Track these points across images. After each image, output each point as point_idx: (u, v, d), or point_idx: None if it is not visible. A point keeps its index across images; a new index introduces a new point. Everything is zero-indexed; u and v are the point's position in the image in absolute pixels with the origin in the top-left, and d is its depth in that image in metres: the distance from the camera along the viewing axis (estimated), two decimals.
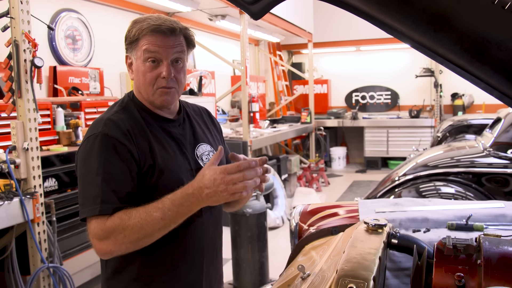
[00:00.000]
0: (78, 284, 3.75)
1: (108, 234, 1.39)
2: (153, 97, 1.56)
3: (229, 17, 6.88)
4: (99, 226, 1.41)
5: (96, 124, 1.54)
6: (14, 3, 2.95)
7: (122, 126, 1.51)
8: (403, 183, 4.21)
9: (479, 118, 7.50)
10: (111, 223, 1.39)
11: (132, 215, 1.39)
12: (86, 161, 1.49)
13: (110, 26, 5.64)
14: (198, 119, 1.78)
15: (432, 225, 1.98)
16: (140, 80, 1.55)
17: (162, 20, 1.53)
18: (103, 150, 1.46)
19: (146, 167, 1.51)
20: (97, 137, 1.48)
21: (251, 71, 9.55)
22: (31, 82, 3.05)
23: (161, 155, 1.54)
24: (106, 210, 1.41)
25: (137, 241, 1.40)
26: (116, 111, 1.58)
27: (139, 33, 1.52)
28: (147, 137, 1.54)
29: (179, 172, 1.57)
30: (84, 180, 1.47)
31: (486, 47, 1.10)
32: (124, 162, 1.47)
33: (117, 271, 1.57)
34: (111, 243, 1.40)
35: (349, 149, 11.15)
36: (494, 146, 4.22)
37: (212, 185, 1.32)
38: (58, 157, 3.55)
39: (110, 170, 1.45)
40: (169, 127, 1.63)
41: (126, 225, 1.38)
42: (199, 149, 1.68)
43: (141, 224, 1.37)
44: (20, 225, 3.07)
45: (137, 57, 1.54)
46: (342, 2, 1.21)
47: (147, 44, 1.51)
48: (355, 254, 1.33)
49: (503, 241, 1.38)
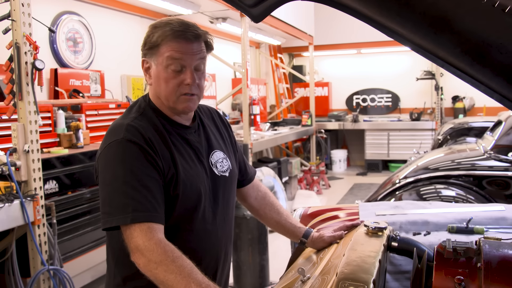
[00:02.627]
0: (78, 287, 3.75)
1: (146, 253, 1.34)
2: (175, 104, 1.53)
3: (230, 20, 6.88)
4: (142, 236, 1.35)
5: (116, 130, 1.49)
6: (15, 6, 2.95)
7: (143, 133, 1.47)
8: (403, 186, 4.20)
9: (480, 121, 7.50)
10: (155, 246, 1.34)
11: (176, 262, 1.32)
12: (109, 169, 1.44)
13: (111, 28, 5.64)
14: (210, 124, 1.75)
15: (432, 228, 1.98)
16: (162, 86, 1.52)
17: (185, 25, 1.50)
18: (127, 156, 1.42)
19: (169, 176, 1.47)
20: (120, 143, 1.44)
21: (252, 74, 9.55)
22: (32, 84, 3.05)
23: (181, 164, 1.51)
24: (138, 218, 1.37)
25: (158, 282, 1.34)
26: (135, 117, 1.53)
27: (162, 38, 1.48)
28: (168, 145, 1.51)
29: (198, 182, 1.54)
30: (110, 188, 1.43)
31: (486, 50, 1.10)
32: (150, 168, 1.43)
33: (129, 279, 1.54)
34: (143, 261, 1.35)
35: (349, 151, 11.15)
36: (495, 149, 4.22)
37: None
38: (58, 159, 3.55)
39: (138, 177, 1.40)
40: (186, 134, 1.60)
41: (163, 264, 1.32)
42: (213, 156, 1.65)
43: (173, 277, 1.31)
44: (21, 227, 3.07)
45: (158, 63, 1.51)
46: (342, 5, 1.21)
47: (170, 51, 1.48)
48: (355, 257, 1.33)
49: (503, 244, 1.38)
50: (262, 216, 1.92)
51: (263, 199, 1.92)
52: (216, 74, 7.55)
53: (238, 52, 7.23)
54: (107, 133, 1.52)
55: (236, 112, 8.46)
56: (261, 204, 1.91)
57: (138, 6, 5.96)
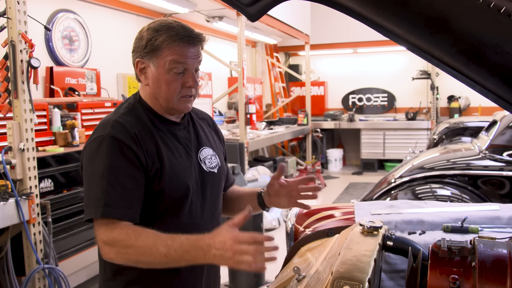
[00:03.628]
0: (73, 285, 3.74)
1: (113, 243, 1.39)
2: (175, 105, 1.56)
3: (226, 19, 6.88)
4: (106, 231, 1.40)
5: (103, 125, 1.53)
6: (10, 4, 2.94)
7: (129, 129, 1.50)
8: (399, 185, 4.21)
9: (475, 120, 7.53)
10: (118, 235, 1.39)
11: (140, 238, 1.38)
12: (92, 163, 1.48)
13: (107, 27, 5.63)
14: (201, 123, 1.78)
15: (427, 227, 1.99)
16: (162, 88, 1.54)
17: (188, 30, 1.53)
18: (109, 152, 1.46)
19: (153, 170, 1.50)
20: (104, 139, 1.47)
21: (248, 73, 9.55)
22: (28, 82, 3.04)
23: (168, 159, 1.54)
24: (108, 213, 1.40)
25: (136, 263, 1.40)
26: (123, 113, 1.57)
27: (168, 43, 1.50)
28: (154, 140, 1.53)
29: (185, 177, 1.56)
30: (89, 182, 1.47)
31: (482, 50, 1.11)
32: (130, 166, 1.46)
33: (118, 273, 1.56)
34: (113, 253, 1.40)
35: (345, 151, 11.16)
36: (490, 148, 4.24)
37: (221, 248, 1.30)
38: (54, 158, 3.54)
39: (116, 173, 1.44)
40: (176, 130, 1.63)
41: (130, 245, 1.37)
42: (202, 152, 1.68)
43: (144, 251, 1.36)
44: (16, 226, 3.06)
45: (159, 65, 1.53)
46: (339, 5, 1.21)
47: (175, 55, 1.50)
48: (351, 256, 1.33)
49: (498, 244, 1.39)
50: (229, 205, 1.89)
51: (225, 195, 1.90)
52: (212, 73, 7.54)
53: (234, 51, 7.23)
54: (94, 129, 1.57)
55: (232, 111, 8.46)
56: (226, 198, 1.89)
57: (135, 5, 5.94)
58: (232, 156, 5.95)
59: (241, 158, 6.10)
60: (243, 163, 6.06)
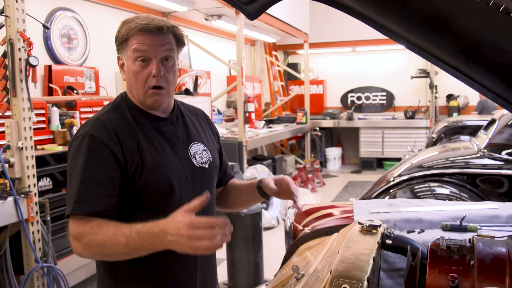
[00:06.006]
0: (72, 284, 3.74)
1: (79, 238, 1.41)
2: (144, 98, 1.56)
3: (225, 17, 6.87)
4: (74, 226, 1.42)
5: (85, 124, 1.56)
6: (9, 2, 2.93)
7: (109, 126, 1.52)
8: (398, 183, 4.21)
9: (474, 119, 7.52)
10: (83, 229, 1.40)
11: (101, 230, 1.38)
12: (71, 161, 1.51)
13: (106, 25, 5.61)
14: (193, 118, 1.77)
15: (426, 226, 1.99)
16: (132, 80, 1.55)
17: (150, 19, 1.53)
18: (87, 150, 1.48)
19: (133, 167, 1.51)
20: (84, 138, 1.50)
21: (247, 71, 9.54)
22: (26, 81, 3.04)
23: (150, 154, 1.54)
24: (79, 210, 1.42)
25: (101, 256, 1.43)
26: (107, 110, 1.60)
27: (128, 33, 1.52)
28: (136, 136, 1.54)
29: (169, 172, 1.56)
30: (69, 179, 1.50)
31: (480, 49, 1.10)
32: (105, 164, 1.47)
33: (111, 270, 1.57)
34: (80, 247, 1.41)
35: (344, 149, 11.17)
36: (489, 147, 4.24)
37: (176, 233, 1.28)
38: (52, 156, 3.54)
39: (90, 172, 1.46)
40: (161, 125, 1.63)
41: (93, 238, 1.38)
42: (192, 147, 1.67)
43: (105, 243, 1.37)
44: (14, 225, 3.05)
45: (127, 57, 1.55)
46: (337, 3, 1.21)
47: (136, 44, 1.51)
48: (349, 254, 1.33)
49: (497, 242, 1.39)
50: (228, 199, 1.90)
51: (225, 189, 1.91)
52: (211, 71, 7.53)
53: (233, 49, 7.22)
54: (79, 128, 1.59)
55: (231, 109, 8.46)
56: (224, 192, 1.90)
57: (133, 3, 5.94)
58: (231, 154, 5.94)
59: (240, 156, 6.10)
60: (242, 162, 6.06)
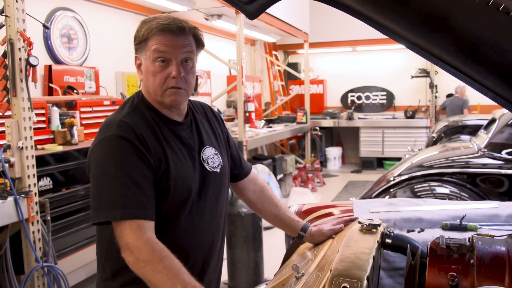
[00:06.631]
0: (72, 284, 3.74)
1: (135, 251, 1.35)
2: (162, 98, 1.53)
3: (225, 17, 6.87)
4: (131, 235, 1.36)
5: (108, 126, 1.50)
6: (9, 2, 2.93)
7: (135, 129, 1.48)
8: (398, 183, 4.21)
9: (474, 119, 7.52)
10: (143, 244, 1.34)
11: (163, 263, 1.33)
12: (101, 165, 1.45)
13: (106, 25, 5.62)
14: (203, 120, 1.75)
15: (426, 225, 1.99)
16: (150, 80, 1.53)
17: (171, 19, 1.51)
18: (119, 152, 1.43)
19: (161, 172, 1.48)
20: (111, 139, 1.45)
21: (247, 71, 9.54)
22: (26, 80, 3.03)
23: (173, 160, 1.52)
24: (128, 215, 1.38)
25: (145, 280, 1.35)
26: (128, 112, 1.54)
27: (148, 32, 1.50)
28: (160, 141, 1.51)
29: (189, 178, 1.55)
30: (100, 184, 1.44)
31: (480, 48, 1.10)
32: (141, 165, 1.44)
33: (118, 273, 1.55)
34: (132, 259, 1.36)
35: (344, 149, 11.17)
36: (489, 146, 4.24)
37: None
38: (53, 156, 3.54)
39: (129, 174, 1.41)
40: (179, 130, 1.60)
41: (151, 264, 1.33)
42: (204, 152, 1.65)
43: (160, 280, 1.31)
44: (15, 224, 3.05)
45: (147, 57, 1.52)
46: (337, 3, 1.21)
47: (156, 44, 1.49)
48: (349, 253, 1.34)
49: (496, 241, 1.39)
50: (260, 209, 1.92)
51: (261, 192, 1.92)
52: (211, 71, 7.54)
53: (233, 49, 7.22)
54: (99, 129, 1.53)
55: (231, 109, 8.46)
56: (259, 198, 1.91)
57: (133, 3, 5.94)
58: None
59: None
60: None
